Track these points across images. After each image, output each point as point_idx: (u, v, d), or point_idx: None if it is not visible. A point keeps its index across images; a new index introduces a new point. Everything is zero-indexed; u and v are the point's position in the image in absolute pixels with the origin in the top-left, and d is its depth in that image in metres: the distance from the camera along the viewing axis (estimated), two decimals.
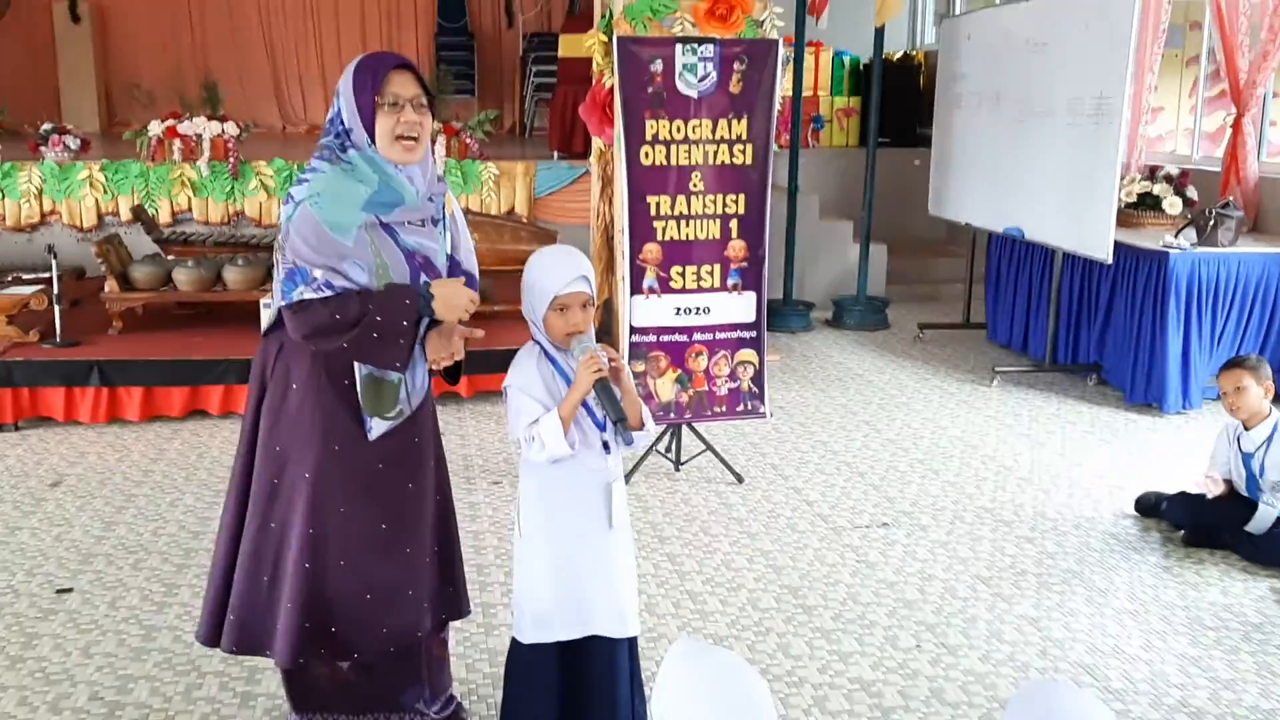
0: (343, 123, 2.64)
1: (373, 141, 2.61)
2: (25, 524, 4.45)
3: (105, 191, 7.75)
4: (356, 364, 2.66)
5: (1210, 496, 4.38)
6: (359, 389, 2.68)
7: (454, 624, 3.37)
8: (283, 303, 2.59)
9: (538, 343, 2.70)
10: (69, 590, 3.86)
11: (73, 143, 7.79)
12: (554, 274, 2.63)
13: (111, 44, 12.59)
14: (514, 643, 2.78)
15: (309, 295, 2.54)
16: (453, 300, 2.67)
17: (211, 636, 2.81)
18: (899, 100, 9.92)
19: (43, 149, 7.71)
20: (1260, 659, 3.50)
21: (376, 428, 2.71)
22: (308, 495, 2.69)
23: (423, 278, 2.69)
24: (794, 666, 3.40)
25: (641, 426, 2.71)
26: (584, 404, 2.63)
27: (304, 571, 2.69)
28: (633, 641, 2.81)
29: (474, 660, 3.41)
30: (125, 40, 12.58)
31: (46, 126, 7.80)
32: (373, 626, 2.76)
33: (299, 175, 2.65)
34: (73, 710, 3.13)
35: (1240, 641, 3.61)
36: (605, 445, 2.67)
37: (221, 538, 2.84)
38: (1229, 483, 4.40)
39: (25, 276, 6.75)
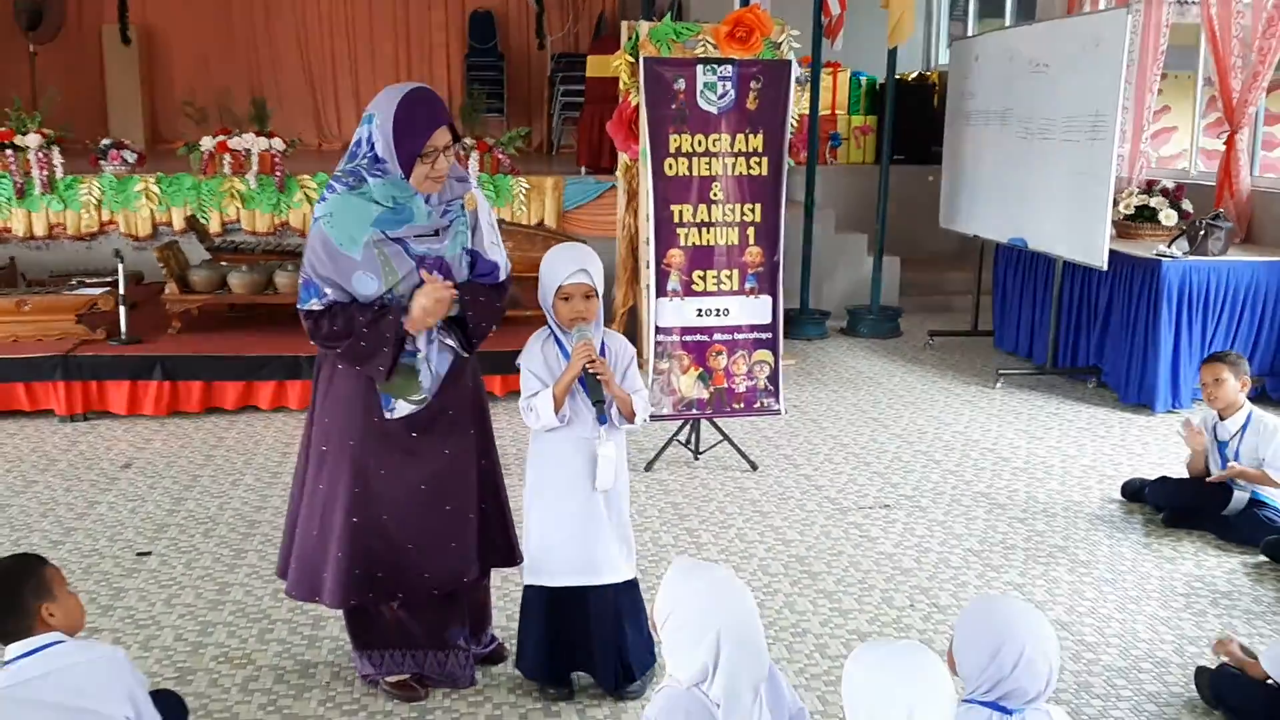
0: (373, 148, 2.99)
1: (406, 177, 3.00)
2: (102, 499, 4.89)
3: (160, 203, 8.22)
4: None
5: (1189, 446, 4.72)
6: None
7: (494, 579, 3.78)
8: (298, 307, 3.05)
9: (549, 327, 3.13)
10: (148, 553, 4.30)
11: (130, 157, 8.27)
12: (559, 267, 3.09)
13: (158, 65, 13.13)
14: (525, 586, 3.19)
15: (317, 307, 3.00)
16: (425, 307, 2.99)
17: (282, 572, 3.31)
18: (914, 119, 10.30)
19: (102, 163, 8.19)
20: (1226, 620, 3.87)
21: (400, 409, 3.12)
22: (351, 459, 3.11)
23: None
24: (798, 620, 3.79)
25: (634, 419, 3.17)
26: (581, 382, 3.08)
27: (352, 525, 3.11)
28: (629, 590, 3.25)
29: (512, 611, 3.80)
30: (171, 62, 13.13)
31: (106, 142, 8.29)
32: (415, 572, 3.17)
33: (324, 190, 3.05)
34: (161, 648, 3.56)
35: (1208, 606, 3.98)
36: (602, 418, 3.09)
37: (292, 492, 3.31)
38: (1204, 469, 4.75)
39: (88, 280, 7.23)
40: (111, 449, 5.59)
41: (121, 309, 6.28)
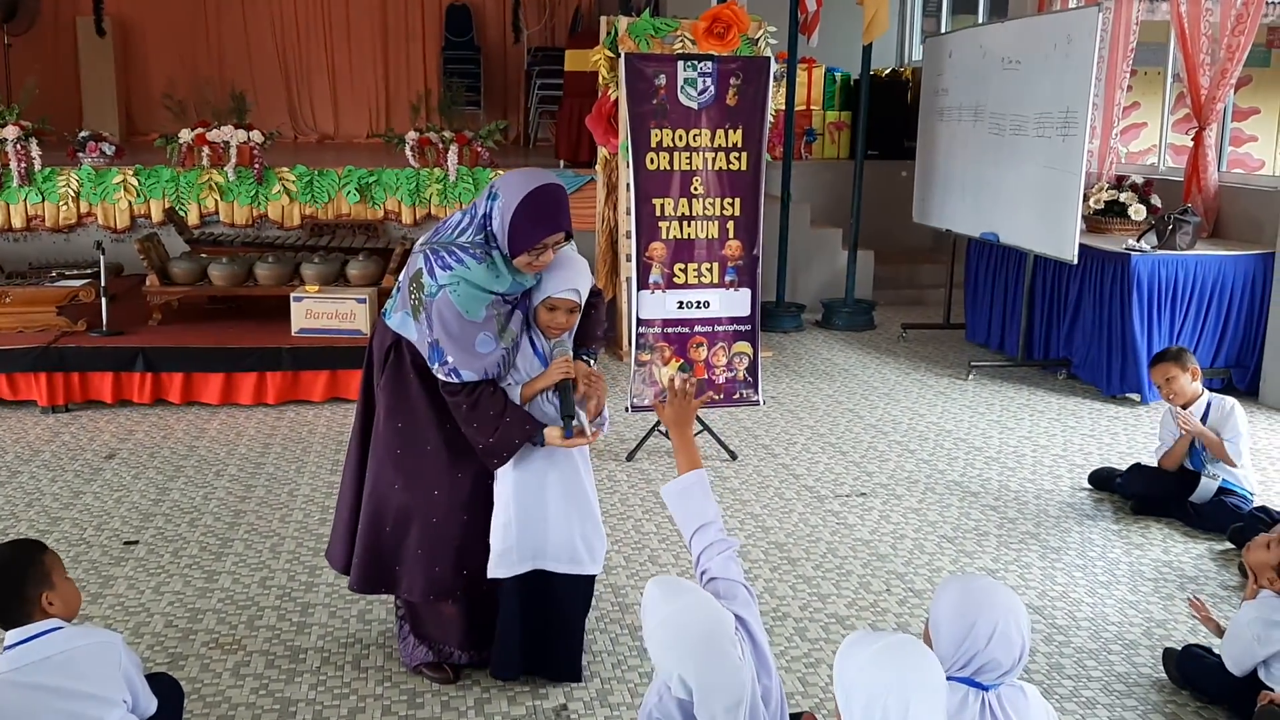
0: (492, 226, 3.07)
1: (511, 258, 3.07)
2: (87, 489, 4.92)
3: (138, 195, 8.20)
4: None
5: (1182, 432, 4.79)
6: None
7: None
8: (430, 363, 3.12)
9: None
10: (135, 542, 4.34)
11: (108, 149, 8.25)
12: (554, 279, 3.17)
13: (132, 57, 13.08)
14: (492, 580, 3.26)
15: (442, 377, 3.10)
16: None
17: (344, 565, 3.40)
18: (888, 114, 10.40)
19: (80, 155, 8.17)
20: None
21: None
22: (431, 465, 3.20)
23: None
24: (778, 605, 3.88)
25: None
26: (554, 393, 3.18)
27: (433, 526, 3.21)
28: (589, 580, 3.35)
29: None
30: (146, 54, 13.08)
31: (84, 134, 8.28)
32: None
33: (444, 252, 3.06)
34: (152, 634, 3.61)
35: (1175, 590, 4.09)
36: (568, 433, 3.15)
37: (346, 483, 3.41)
38: (1180, 463, 4.86)
39: (68, 272, 7.24)
40: (94, 440, 5.62)
41: (103, 301, 6.30)
